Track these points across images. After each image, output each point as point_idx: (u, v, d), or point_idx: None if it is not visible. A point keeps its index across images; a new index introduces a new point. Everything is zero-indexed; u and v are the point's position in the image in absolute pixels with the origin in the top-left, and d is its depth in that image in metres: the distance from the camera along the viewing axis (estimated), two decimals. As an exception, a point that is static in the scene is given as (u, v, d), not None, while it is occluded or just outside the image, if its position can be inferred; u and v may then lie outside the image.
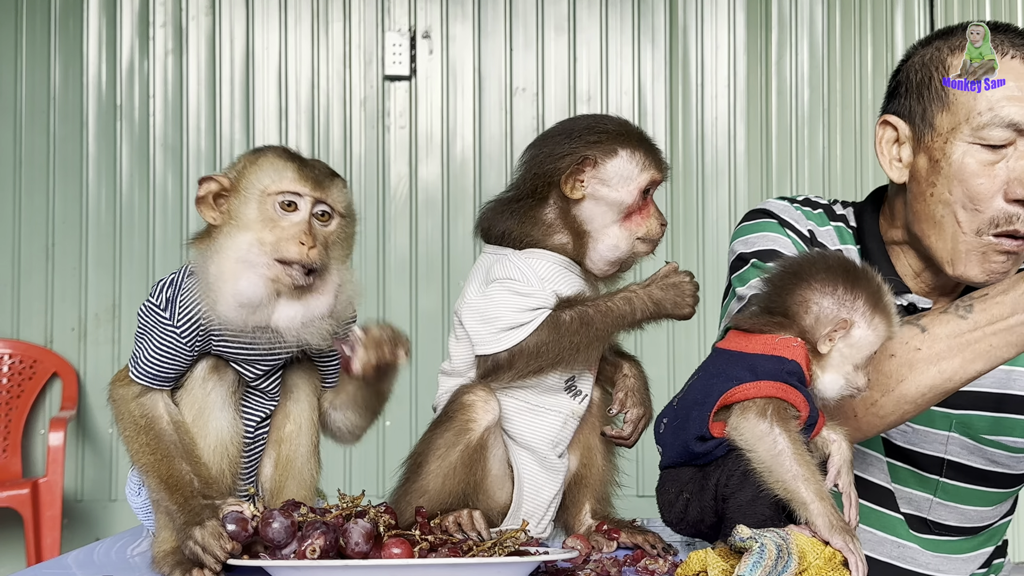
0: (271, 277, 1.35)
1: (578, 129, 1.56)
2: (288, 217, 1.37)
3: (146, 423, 1.38)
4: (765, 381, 1.34)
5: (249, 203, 1.37)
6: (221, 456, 1.40)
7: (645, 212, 1.55)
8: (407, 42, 4.37)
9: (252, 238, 1.35)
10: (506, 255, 1.57)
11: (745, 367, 1.37)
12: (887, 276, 1.73)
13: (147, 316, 1.40)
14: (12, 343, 4.28)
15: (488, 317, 1.55)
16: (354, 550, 1.25)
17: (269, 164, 1.39)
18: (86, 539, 4.19)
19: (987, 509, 1.80)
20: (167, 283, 1.42)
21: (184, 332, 1.38)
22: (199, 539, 1.27)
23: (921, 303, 1.74)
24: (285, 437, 1.48)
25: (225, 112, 4.36)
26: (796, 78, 4.45)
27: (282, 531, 1.25)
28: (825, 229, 1.80)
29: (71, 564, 1.49)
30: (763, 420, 1.32)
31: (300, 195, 1.38)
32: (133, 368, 1.40)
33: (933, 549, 1.79)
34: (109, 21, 4.36)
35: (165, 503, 1.35)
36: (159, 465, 1.36)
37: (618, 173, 1.53)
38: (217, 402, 1.41)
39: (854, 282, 1.39)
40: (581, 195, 1.53)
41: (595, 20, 4.43)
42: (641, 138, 1.56)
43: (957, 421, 1.74)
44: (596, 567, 1.41)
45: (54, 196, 4.34)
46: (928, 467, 1.75)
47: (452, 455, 1.52)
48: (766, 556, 1.21)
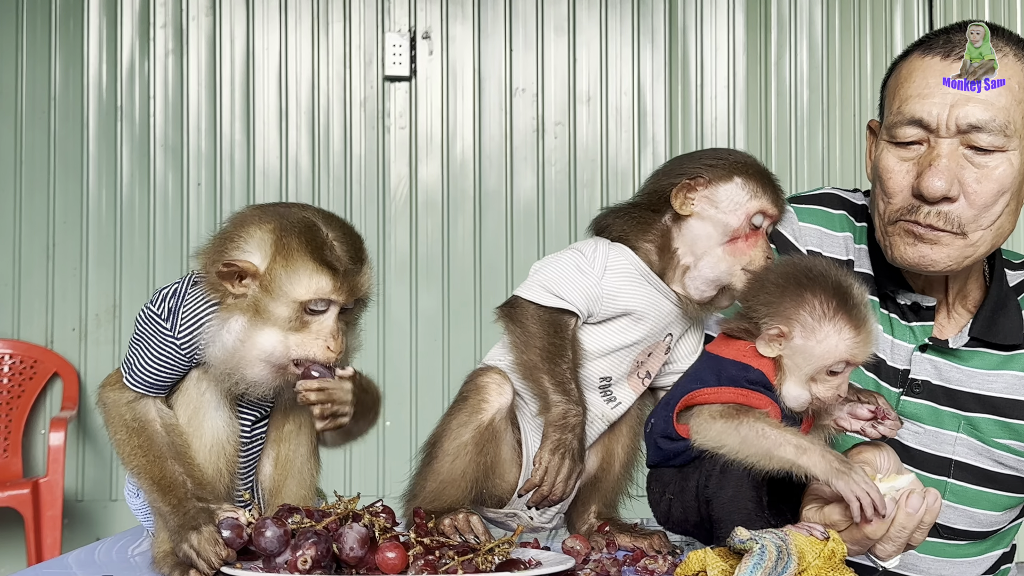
0: (289, 371, 1.38)
1: (703, 154, 1.64)
2: (317, 319, 1.37)
3: (138, 426, 1.38)
4: (726, 387, 1.37)
5: (278, 304, 1.36)
6: (218, 456, 1.40)
7: (752, 241, 1.58)
8: (407, 43, 4.37)
9: (278, 339, 1.36)
10: (597, 239, 1.64)
11: (713, 371, 1.43)
12: (886, 274, 1.74)
13: (147, 324, 1.40)
14: (12, 343, 4.28)
15: (541, 268, 1.61)
16: (348, 555, 1.25)
17: (304, 270, 1.36)
18: (86, 539, 4.20)
19: (997, 513, 1.79)
20: (169, 293, 1.41)
21: (184, 344, 1.38)
22: (195, 544, 1.28)
23: (925, 302, 1.74)
24: (284, 436, 1.48)
25: (225, 113, 4.37)
26: (796, 78, 4.45)
27: (275, 540, 1.26)
28: (842, 235, 1.81)
29: (71, 564, 1.49)
30: (717, 421, 1.35)
31: (333, 302, 1.38)
32: (128, 375, 1.40)
33: (938, 554, 1.78)
34: (110, 22, 4.36)
35: (158, 505, 1.35)
36: (152, 467, 1.36)
37: (729, 197, 1.58)
38: (212, 401, 1.41)
39: (802, 291, 1.40)
40: (690, 212, 1.58)
41: (595, 21, 4.43)
42: (761, 173, 1.62)
43: (965, 422, 1.74)
44: (596, 567, 1.41)
45: (55, 196, 4.34)
46: (936, 469, 1.75)
47: (464, 435, 1.55)
48: (766, 558, 1.21)
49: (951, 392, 1.74)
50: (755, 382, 1.39)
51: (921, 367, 1.74)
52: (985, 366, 1.74)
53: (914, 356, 1.74)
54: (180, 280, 1.43)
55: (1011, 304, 1.76)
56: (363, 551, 1.25)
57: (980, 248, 1.66)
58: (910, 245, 1.66)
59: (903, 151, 1.66)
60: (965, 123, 1.60)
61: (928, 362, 1.74)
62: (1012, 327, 1.75)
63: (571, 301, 1.56)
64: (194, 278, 1.41)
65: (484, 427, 1.56)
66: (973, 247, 1.65)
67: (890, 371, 1.75)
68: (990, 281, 1.78)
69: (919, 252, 1.65)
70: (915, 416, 1.74)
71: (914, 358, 1.74)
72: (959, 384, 1.74)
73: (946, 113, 1.61)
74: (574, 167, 4.42)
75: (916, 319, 1.75)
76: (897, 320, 1.76)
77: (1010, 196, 1.64)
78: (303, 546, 1.24)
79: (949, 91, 1.61)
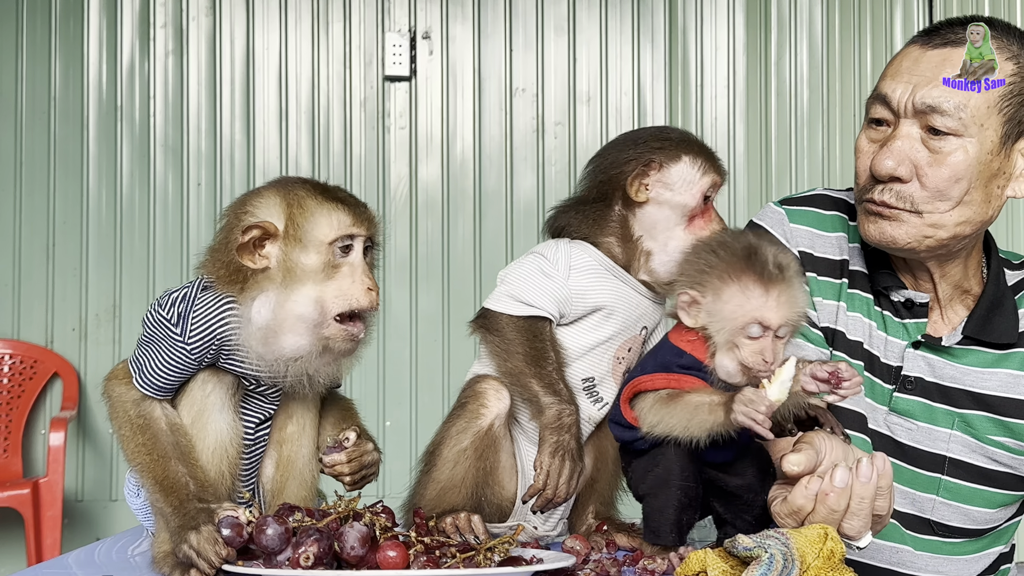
0: (327, 335, 1.37)
1: (643, 136, 1.63)
2: (347, 261, 1.38)
3: (143, 423, 1.38)
4: (659, 373, 1.42)
5: (308, 253, 1.37)
6: (220, 458, 1.40)
7: (707, 216, 1.61)
8: (407, 43, 4.37)
9: (314, 296, 1.36)
10: (557, 240, 1.64)
11: (656, 359, 1.46)
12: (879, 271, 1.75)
13: (156, 328, 1.40)
14: (13, 343, 4.28)
15: (506, 278, 1.62)
16: (349, 554, 1.25)
17: (321, 210, 1.38)
18: (86, 539, 4.20)
19: (993, 511, 1.79)
20: (178, 297, 1.41)
21: (195, 348, 1.38)
22: (194, 544, 1.27)
23: (918, 298, 1.75)
24: (287, 438, 1.48)
25: (226, 113, 4.37)
26: (796, 78, 4.45)
27: (276, 538, 1.26)
28: (835, 236, 1.82)
29: (71, 564, 1.49)
30: (653, 406, 1.39)
31: (355, 237, 1.39)
32: (138, 377, 1.39)
33: (934, 551, 1.78)
34: (110, 22, 4.36)
35: (159, 505, 1.35)
36: (155, 466, 1.36)
37: (681, 177, 1.58)
38: (216, 404, 1.41)
39: (709, 256, 1.43)
40: (645, 198, 1.58)
41: (595, 20, 4.43)
42: (701, 145, 1.64)
43: (959, 419, 1.74)
44: (596, 567, 1.41)
45: (55, 196, 4.34)
46: (930, 466, 1.75)
47: (463, 441, 1.56)
48: (774, 566, 1.22)
49: (945, 389, 1.74)
50: (687, 366, 1.42)
51: (914, 364, 1.75)
52: (979, 364, 1.74)
53: (907, 353, 1.75)
54: (189, 285, 1.43)
55: (1007, 303, 1.77)
56: (364, 550, 1.25)
57: (941, 232, 1.67)
58: (872, 223, 1.69)
59: (872, 131, 1.70)
60: (922, 103, 1.63)
61: (921, 359, 1.75)
62: (1007, 326, 1.75)
63: (541, 306, 1.56)
64: (203, 283, 1.41)
65: (483, 433, 1.56)
66: (933, 228, 1.66)
67: (883, 368, 1.76)
68: (987, 280, 1.79)
69: (879, 228, 1.68)
70: (908, 413, 1.75)
71: (907, 355, 1.75)
72: (953, 381, 1.74)
73: (908, 92, 1.64)
74: (574, 167, 4.42)
75: (910, 316, 1.76)
76: (891, 317, 1.77)
77: (968, 184, 1.65)
78: (305, 543, 1.24)
79: (916, 73, 1.65)
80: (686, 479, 1.40)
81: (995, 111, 1.63)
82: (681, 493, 1.40)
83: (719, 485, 1.44)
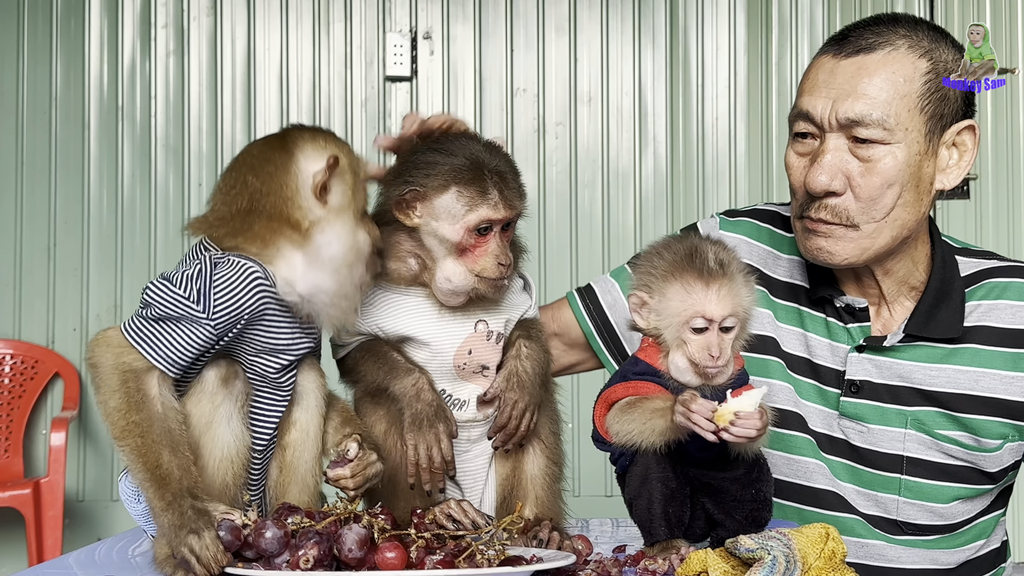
0: None
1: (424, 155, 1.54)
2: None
3: (140, 398, 1.32)
4: (618, 384, 1.45)
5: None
6: (225, 471, 1.39)
7: (481, 251, 1.51)
8: (408, 43, 4.38)
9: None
10: None
11: (619, 370, 1.49)
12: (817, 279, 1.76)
13: (171, 306, 1.34)
14: (13, 343, 4.28)
15: None
16: (347, 556, 1.25)
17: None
18: (87, 539, 4.20)
19: (959, 505, 1.78)
20: (193, 274, 1.36)
21: (218, 323, 1.34)
22: (195, 549, 1.26)
23: (857, 303, 1.77)
24: (290, 443, 1.48)
25: (227, 113, 4.37)
26: (796, 78, 4.45)
27: (275, 541, 1.25)
28: (761, 247, 1.86)
29: (72, 564, 1.49)
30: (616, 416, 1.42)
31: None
32: (152, 352, 1.32)
33: (909, 546, 1.79)
34: (111, 22, 4.37)
35: (149, 496, 1.30)
36: (147, 451, 1.31)
37: (446, 209, 1.50)
38: (224, 415, 1.39)
39: (651, 259, 1.46)
40: (415, 224, 1.52)
41: (595, 21, 4.44)
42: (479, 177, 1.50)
43: (912, 418, 1.75)
44: (596, 567, 1.42)
45: (56, 196, 4.34)
46: (889, 466, 1.76)
47: None
48: (777, 567, 1.22)
49: (894, 389, 1.75)
50: (641, 372, 1.44)
51: (859, 367, 1.76)
52: (927, 359, 1.75)
53: (849, 357, 1.76)
54: (194, 261, 1.38)
55: (955, 296, 1.76)
56: (362, 552, 1.25)
57: (879, 240, 1.68)
58: (810, 239, 1.71)
59: (799, 145, 1.72)
60: (844, 118, 1.64)
61: (868, 361, 1.76)
62: (951, 320, 1.75)
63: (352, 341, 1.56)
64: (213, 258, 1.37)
65: None
66: (870, 239, 1.68)
67: (829, 373, 1.78)
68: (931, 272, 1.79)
69: (816, 245, 1.70)
70: (858, 416, 1.76)
71: (849, 359, 1.76)
72: (901, 380, 1.75)
73: (829, 108, 1.66)
74: (575, 167, 4.42)
75: (853, 320, 1.78)
76: (835, 323, 1.78)
77: (900, 188, 1.66)
78: (305, 546, 1.24)
79: (833, 87, 1.66)
80: (664, 470, 1.41)
81: (916, 112, 1.65)
82: (662, 485, 1.41)
83: (706, 481, 1.45)
